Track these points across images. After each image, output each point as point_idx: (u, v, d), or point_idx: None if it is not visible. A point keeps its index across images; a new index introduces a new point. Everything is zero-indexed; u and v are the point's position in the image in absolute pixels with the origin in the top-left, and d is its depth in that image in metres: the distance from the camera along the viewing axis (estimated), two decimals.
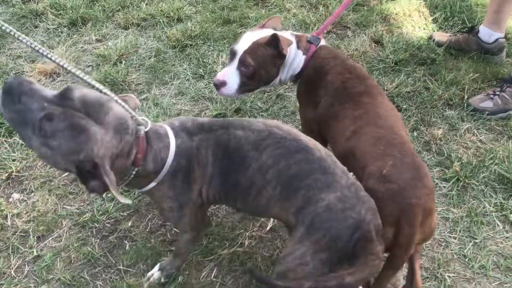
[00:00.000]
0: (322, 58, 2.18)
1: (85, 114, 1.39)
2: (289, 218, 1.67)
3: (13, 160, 2.59)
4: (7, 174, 2.52)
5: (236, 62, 2.14)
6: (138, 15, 3.75)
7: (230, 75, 2.16)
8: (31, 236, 2.25)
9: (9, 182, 2.51)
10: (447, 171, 2.57)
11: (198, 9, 3.89)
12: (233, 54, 2.16)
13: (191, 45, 3.47)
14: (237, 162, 1.67)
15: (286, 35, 2.19)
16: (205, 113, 2.93)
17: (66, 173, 2.50)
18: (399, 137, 1.82)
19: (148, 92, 3.08)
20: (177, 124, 1.72)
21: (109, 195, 2.41)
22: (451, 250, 2.25)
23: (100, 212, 2.36)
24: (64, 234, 2.28)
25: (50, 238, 2.26)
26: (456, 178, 2.53)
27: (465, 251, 2.24)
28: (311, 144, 1.68)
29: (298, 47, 2.19)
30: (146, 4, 3.91)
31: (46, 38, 3.55)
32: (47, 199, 2.41)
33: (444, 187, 2.52)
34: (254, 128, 1.69)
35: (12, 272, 2.13)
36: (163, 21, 3.70)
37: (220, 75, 2.17)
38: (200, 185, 1.71)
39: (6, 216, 2.33)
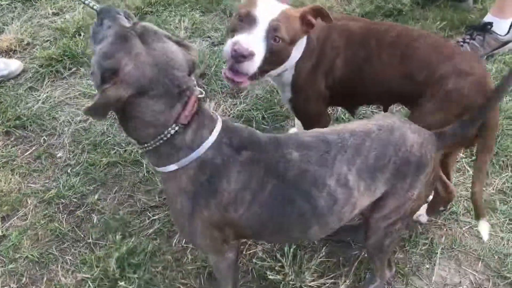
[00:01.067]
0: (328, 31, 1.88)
1: (138, 34, 1.31)
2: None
3: None
4: None
5: (263, 30, 1.62)
6: None
7: (257, 46, 1.62)
8: None
9: None
10: None
11: None
12: (250, 18, 1.64)
13: (151, 12, 3.36)
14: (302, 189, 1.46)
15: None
16: None
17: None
18: (441, 40, 1.95)
19: None
20: (230, 124, 1.49)
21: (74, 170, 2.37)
22: None
23: (66, 188, 2.30)
24: (30, 212, 2.22)
25: (15, 217, 2.21)
26: None
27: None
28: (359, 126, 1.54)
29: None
30: None
31: (0, 14, 3.40)
32: (10, 179, 2.34)
33: None
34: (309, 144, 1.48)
35: None
36: None
37: (245, 43, 1.59)
38: (226, 202, 1.44)
39: None
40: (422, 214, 2.11)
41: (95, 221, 2.18)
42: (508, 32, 2.94)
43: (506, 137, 2.46)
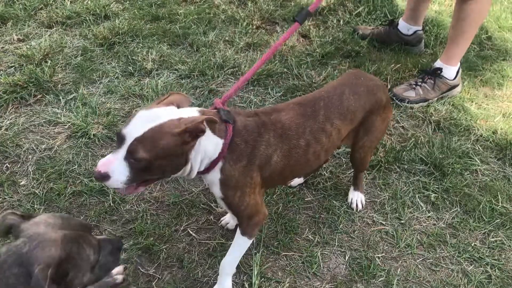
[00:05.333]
0: (244, 129, 1.77)
1: None
2: None
3: None
4: None
5: (123, 150, 1.54)
6: (63, 13, 3.63)
7: (115, 167, 1.55)
8: None
9: None
10: (372, 157, 2.71)
11: (125, 6, 3.82)
12: (121, 139, 1.56)
13: (119, 42, 3.41)
14: None
15: (193, 113, 1.65)
16: (136, 111, 2.89)
17: None
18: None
19: (76, 91, 3.00)
20: None
21: None
22: (379, 232, 2.38)
23: None
24: None
25: None
26: (379, 165, 2.67)
27: (392, 231, 2.37)
28: None
29: (214, 130, 1.69)
30: (71, 2, 3.79)
31: None
32: None
33: (369, 173, 2.65)
34: None
35: None
36: (89, 19, 3.60)
37: (102, 165, 1.56)
38: None
39: None
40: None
41: None
42: (455, 77, 3.19)
43: (455, 174, 2.65)
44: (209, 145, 1.68)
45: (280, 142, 1.82)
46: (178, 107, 1.66)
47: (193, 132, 1.56)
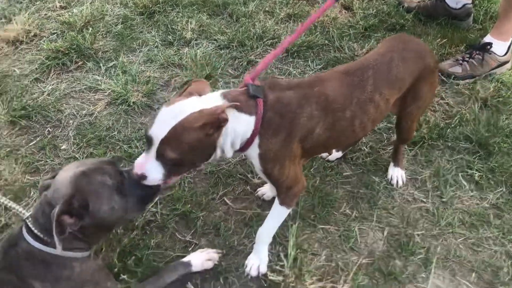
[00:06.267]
0: (278, 102, 1.70)
1: None
2: None
3: None
4: None
5: (153, 152, 1.57)
6: None
7: (149, 168, 1.59)
8: None
9: None
10: (415, 133, 2.62)
11: None
12: (149, 140, 1.58)
13: (159, 11, 3.40)
14: None
15: (215, 99, 1.62)
16: (175, 80, 2.89)
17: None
18: None
19: (116, 59, 3.01)
20: None
21: None
22: (419, 209, 2.31)
23: None
24: (33, 202, 2.23)
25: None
26: (421, 142, 2.58)
27: (433, 209, 2.30)
28: None
29: (241, 109, 1.63)
30: None
31: (7, 5, 3.41)
32: (14, 168, 2.35)
33: (411, 150, 2.57)
34: None
35: None
36: None
37: (137, 167, 1.61)
38: None
39: None
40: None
41: None
42: (506, 53, 3.04)
43: (502, 154, 2.54)
44: (239, 126, 1.64)
45: (324, 115, 1.75)
46: (200, 95, 1.64)
47: (214, 124, 1.54)
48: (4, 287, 1.58)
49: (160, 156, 1.57)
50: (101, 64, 2.96)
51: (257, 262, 2.00)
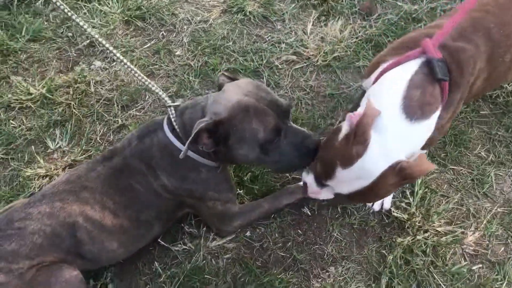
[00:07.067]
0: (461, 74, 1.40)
1: None
2: None
3: (93, 27, 2.44)
4: (88, 41, 2.40)
5: (330, 190, 1.46)
6: None
7: (323, 196, 1.52)
8: (115, 105, 2.17)
9: (90, 49, 2.39)
10: None
11: None
12: (319, 181, 1.47)
13: None
14: None
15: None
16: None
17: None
18: None
19: None
20: None
21: None
22: None
23: (186, 88, 2.23)
24: (148, 107, 2.18)
25: (134, 109, 2.17)
26: None
27: None
28: None
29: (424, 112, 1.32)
30: None
31: None
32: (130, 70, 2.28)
33: None
34: None
35: (98, 138, 2.07)
36: None
37: (312, 194, 1.54)
38: None
39: (89, 82, 2.24)
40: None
41: None
42: None
43: None
44: (422, 136, 1.36)
45: (488, 65, 1.48)
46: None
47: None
48: (135, 175, 1.56)
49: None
50: None
51: None
